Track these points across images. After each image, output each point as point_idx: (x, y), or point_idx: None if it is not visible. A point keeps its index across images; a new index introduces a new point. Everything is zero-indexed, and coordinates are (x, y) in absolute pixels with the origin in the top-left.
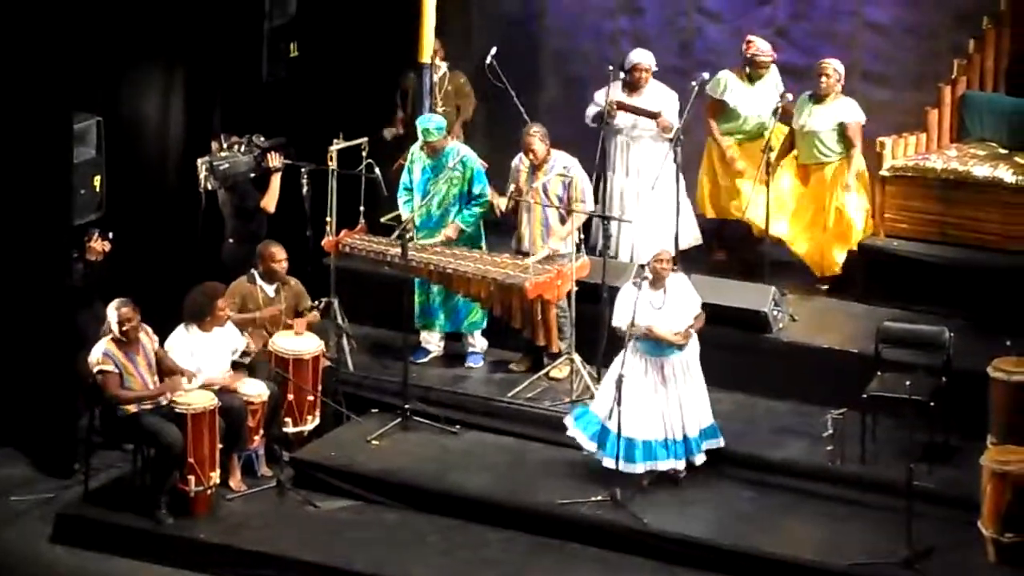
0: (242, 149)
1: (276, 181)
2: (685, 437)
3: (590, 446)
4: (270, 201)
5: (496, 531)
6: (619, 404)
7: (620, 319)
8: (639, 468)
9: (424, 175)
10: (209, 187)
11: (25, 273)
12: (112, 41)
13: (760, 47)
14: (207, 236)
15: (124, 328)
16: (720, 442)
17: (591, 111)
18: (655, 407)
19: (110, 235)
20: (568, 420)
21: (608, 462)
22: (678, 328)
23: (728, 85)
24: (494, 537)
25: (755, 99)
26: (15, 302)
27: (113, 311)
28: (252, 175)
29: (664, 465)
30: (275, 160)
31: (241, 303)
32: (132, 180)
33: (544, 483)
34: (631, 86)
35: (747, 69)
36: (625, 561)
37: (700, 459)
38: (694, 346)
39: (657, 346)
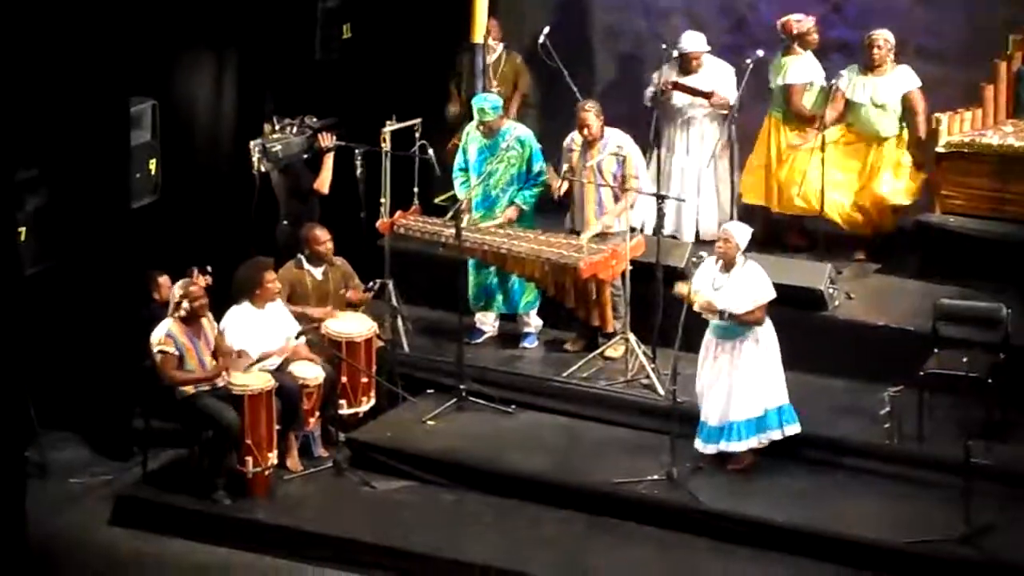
0: (294, 131)
1: (329, 161)
2: (746, 419)
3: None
4: (323, 182)
5: (552, 511)
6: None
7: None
8: (710, 448)
9: (480, 155)
10: (263, 169)
11: (83, 258)
12: (166, 24)
13: (804, 22)
14: (261, 218)
15: (193, 306)
16: (796, 428)
17: (649, 92)
18: (721, 389)
19: (209, 269)
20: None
21: (702, 447)
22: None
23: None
24: (550, 517)
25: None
26: (73, 286)
27: (180, 290)
28: (305, 156)
29: (711, 448)
30: (327, 140)
31: (290, 290)
32: (186, 163)
33: (599, 462)
34: (686, 68)
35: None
36: (681, 540)
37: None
38: (766, 332)
39: (722, 329)
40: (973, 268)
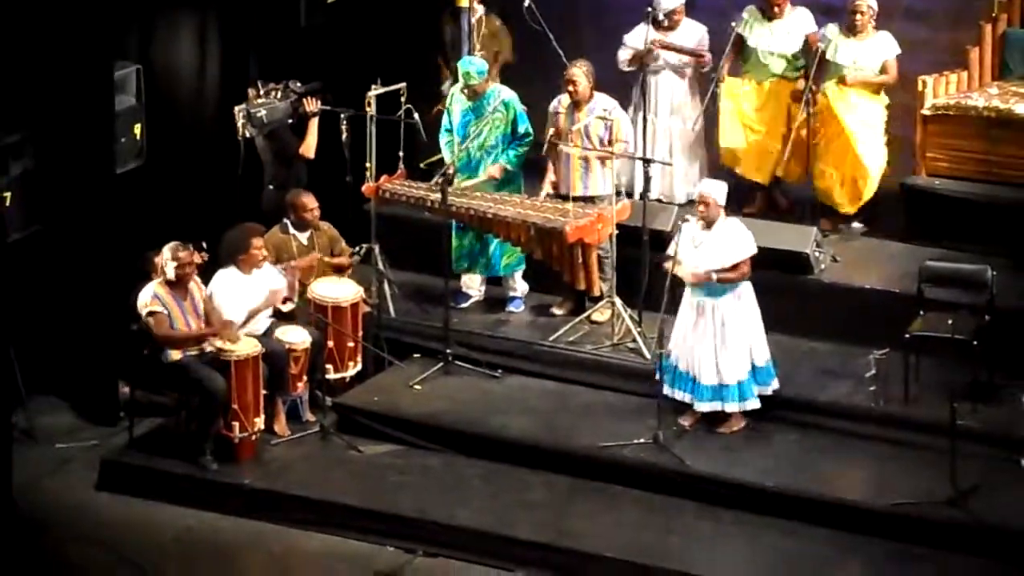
0: (279, 95)
1: (314, 126)
2: (738, 382)
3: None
4: (309, 147)
5: (538, 474)
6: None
7: (669, 250)
8: (686, 397)
9: (464, 117)
10: (247, 135)
11: (69, 222)
12: None
13: None
14: (247, 183)
15: (180, 272)
16: (774, 386)
17: (623, 54)
18: (701, 349)
19: (204, 245)
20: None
21: (665, 388)
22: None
23: (749, 22)
24: (536, 480)
25: (770, 39)
26: (58, 251)
27: (169, 252)
28: (290, 121)
29: (707, 407)
30: (312, 105)
31: (276, 254)
32: (171, 127)
33: (586, 426)
34: (667, 27)
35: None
36: (668, 503)
37: (747, 405)
38: (745, 293)
39: (702, 289)
40: (958, 230)
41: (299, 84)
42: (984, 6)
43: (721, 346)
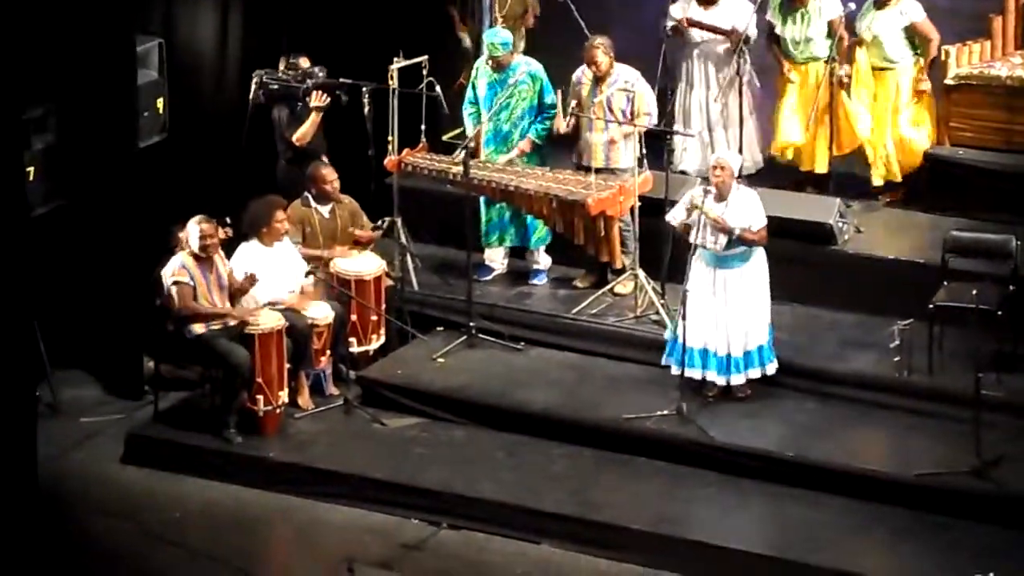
0: (299, 75)
1: (314, 117)
2: (746, 352)
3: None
4: (302, 135)
5: (562, 446)
6: (683, 318)
7: (673, 215)
8: (697, 374)
9: (490, 90)
10: (260, 100)
11: (92, 197)
12: None
13: None
14: (256, 149)
15: (204, 244)
16: (772, 367)
17: (667, 23)
18: (716, 319)
19: (228, 220)
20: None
21: (674, 369)
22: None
23: (776, 14)
24: (560, 452)
25: (796, 29)
26: (82, 225)
27: (195, 226)
28: (298, 104)
29: (722, 379)
30: (319, 99)
31: (299, 227)
32: (193, 101)
33: (609, 398)
34: (709, 1)
35: None
36: (691, 474)
37: (757, 373)
38: (758, 262)
39: (718, 257)
40: (983, 200)
41: (322, 75)
42: None
43: (741, 316)
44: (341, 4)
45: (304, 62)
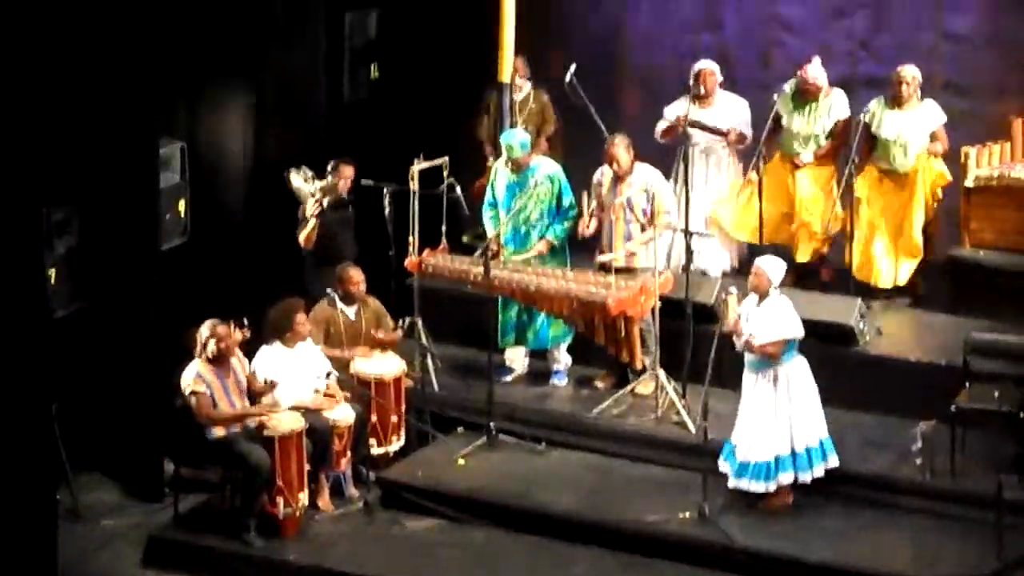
0: (311, 178)
1: (313, 223)
2: (793, 453)
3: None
4: (303, 237)
5: (584, 549)
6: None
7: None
8: (745, 484)
9: (509, 192)
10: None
11: (113, 300)
12: (196, 66)
13: (809, 72)
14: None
15: (219, 348)
16: (833, 461)
17: (660, 126)
18: (762, 422)
19: (245, 322)
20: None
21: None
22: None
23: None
24: (582, 555)
25: (800, 121)
26: (103, 328)
27: (207, 330)
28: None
29: (755, 486)
30: (312, 207)
31: (323, 327)
32: (215, 204)
33: (631, 500)
34: (700, 97)
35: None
36: None
37: (809, 476)
38: (800, 367)
39: (755, 362)
40: (1004, 302)
41: (324, 182)
42: None
43: (771, 421)
44: (362, 106)
45: (348, 170)
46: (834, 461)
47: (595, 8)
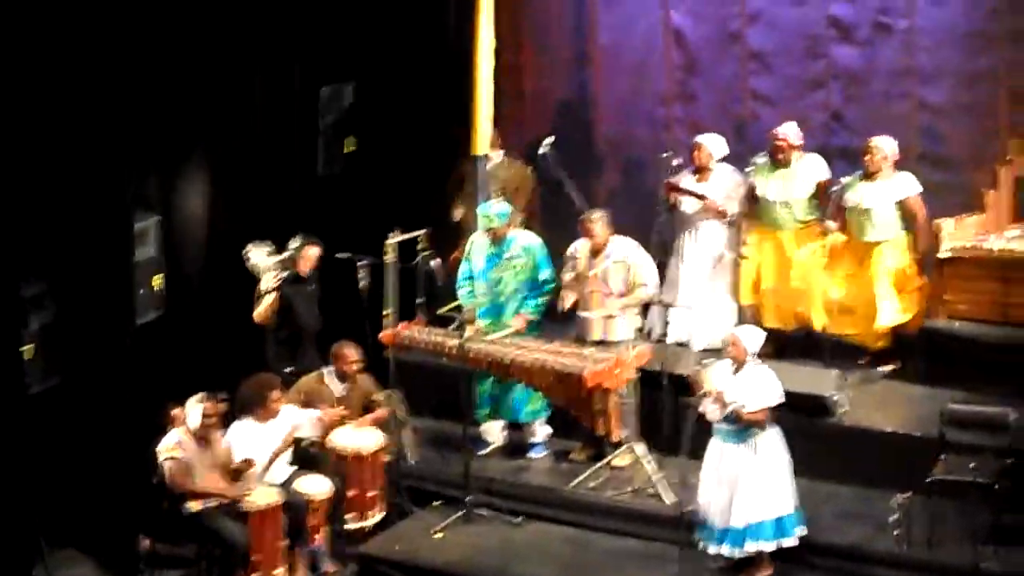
0: (271, 253)
1: (269, 299)
2: (764, 520)
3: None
4: (257, 314)
5: None
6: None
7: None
8: (723, 550)
9: (488, 263)
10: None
11: (89, 375)
12: (170, 141)
13: (779, 130)
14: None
15: (205, 424)
16: (798, 533)
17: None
18: (723, 493)
19: (222, 396)
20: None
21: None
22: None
23: (761, 170)
24: None
25: (776, 187)
26: (79, 403)
27: (196, 405)
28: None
29: (735, 552)
30: (268, 281)
31: (306, 399)
32: (190, 277)
33: (608, 573)
34: (698, 170)
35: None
36: None
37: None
38: (773, 437)
39: (727, 433)
40: (979, 373)
41: (280, 261)
42: (1001, 148)
43: (739, 491)
44: (336, 180)
45: (312, 250)
46: (802, 530)
47: (569, 78)
